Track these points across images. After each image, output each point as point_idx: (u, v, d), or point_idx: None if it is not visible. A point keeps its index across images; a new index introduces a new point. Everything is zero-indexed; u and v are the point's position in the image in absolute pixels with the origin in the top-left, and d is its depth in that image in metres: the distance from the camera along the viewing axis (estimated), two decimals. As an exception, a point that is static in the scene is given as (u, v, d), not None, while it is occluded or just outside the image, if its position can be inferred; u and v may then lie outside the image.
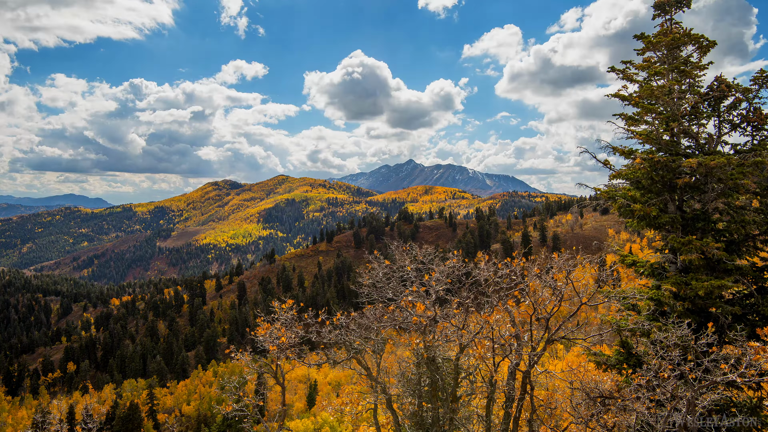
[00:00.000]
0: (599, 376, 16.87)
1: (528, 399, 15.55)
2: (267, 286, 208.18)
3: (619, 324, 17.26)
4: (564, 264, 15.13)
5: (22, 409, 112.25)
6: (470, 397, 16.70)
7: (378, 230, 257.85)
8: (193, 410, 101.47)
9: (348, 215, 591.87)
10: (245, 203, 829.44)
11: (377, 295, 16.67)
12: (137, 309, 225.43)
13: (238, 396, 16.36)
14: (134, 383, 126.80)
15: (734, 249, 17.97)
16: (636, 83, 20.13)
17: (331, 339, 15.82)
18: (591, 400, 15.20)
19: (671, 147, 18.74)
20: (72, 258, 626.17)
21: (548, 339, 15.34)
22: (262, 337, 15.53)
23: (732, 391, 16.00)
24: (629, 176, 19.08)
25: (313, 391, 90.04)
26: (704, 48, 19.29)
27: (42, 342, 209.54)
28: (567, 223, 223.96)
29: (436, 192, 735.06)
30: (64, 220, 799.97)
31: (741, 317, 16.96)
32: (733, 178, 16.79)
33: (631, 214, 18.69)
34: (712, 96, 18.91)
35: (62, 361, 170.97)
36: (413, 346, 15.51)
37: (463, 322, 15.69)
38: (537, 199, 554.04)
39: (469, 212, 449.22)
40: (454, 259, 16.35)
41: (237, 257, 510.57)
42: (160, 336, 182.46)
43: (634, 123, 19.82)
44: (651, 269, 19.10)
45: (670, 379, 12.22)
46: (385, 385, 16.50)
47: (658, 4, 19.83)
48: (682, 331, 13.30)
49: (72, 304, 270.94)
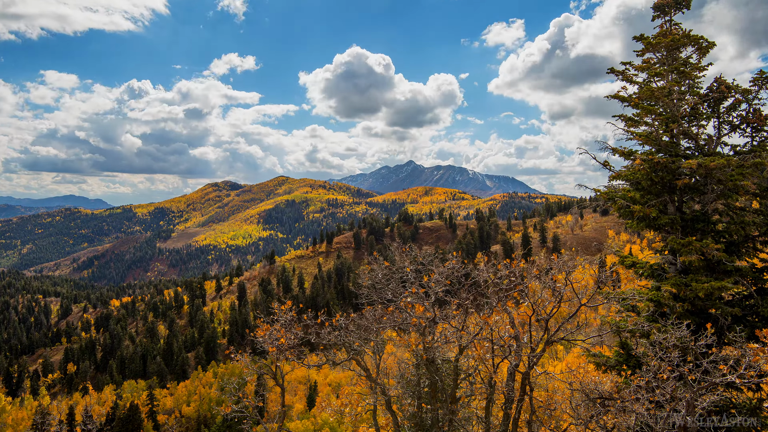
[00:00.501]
0: (599, 378, 16.86)
1: (527, 400, 15.55)
2: (267, 287, 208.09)
3: (619, 325, 17.26)
4: (563, 265, 15.13)
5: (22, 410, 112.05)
6: (470, 398, 16.70)
7: (378, 231, 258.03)
8: (193, 411, 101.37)
9: (348, 216, 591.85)
10: (245, 204, 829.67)
11: (377, 297, 16.68)
12: (137, 310, 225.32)
13: (237, 397, 16.37)
14: (134, 384, 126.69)
15: (734, 250, 17.97)
16: (636, 84, 20.14)
17: (331, 340, 15.83)
18: (591, 401, 15.18)
19: (671, 148, 18.74)
20: (72, 259, 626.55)
21: (548, 340, 15.34)
22: (261, 339, 15.53)
23: (732, 392, 16.00)
24: (629, 177, 19.09)
25: (313, 393, 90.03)
26: (704, 49, 19.31)
27: (42, 343, 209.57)
28: (567, 224, 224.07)
29: (436, 193, 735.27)
30: (64, 221, 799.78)
31: (741, 318, 16.95)
32: (733, 180, 16.79)
33: (630, 215, 18.70)
34: (712, 97, 18.91)
35: (62, 362, 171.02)
36: (412, 347, 15.51)
37: (462, 324, 15.69)
38: (537, 200, 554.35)
39: (469, 213, 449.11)
40: (453, 260, 16.36)
41: (237, 258, 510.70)
42: (160, 337, 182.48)
43: (633, 124, 19.83)
44: (651, 270, 19.09)
45: (670, 380, 12.22)
46: (384, 386, 16.49)
47: (657, 5, 19.85)
48: (681, 332, 13.30)
49: (72, 305, 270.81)
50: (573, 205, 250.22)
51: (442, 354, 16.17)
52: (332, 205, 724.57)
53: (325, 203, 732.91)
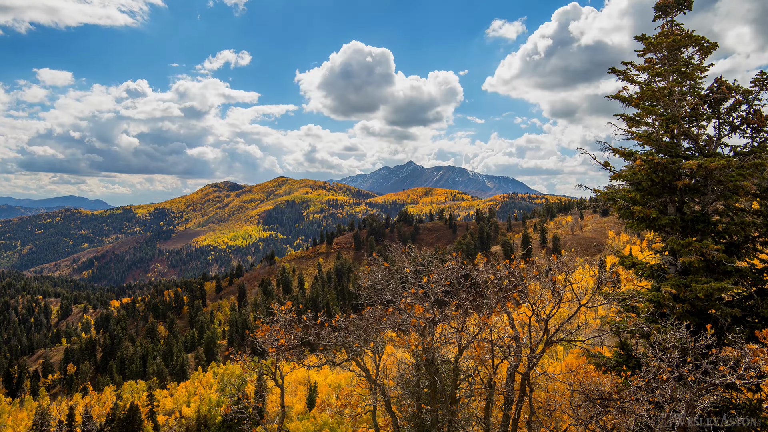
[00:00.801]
0: (599, 378, 16.84)
1: (527, 401, 15.53)
2: (267, 287, 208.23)
3: (619, 326, 17.24)
4: (563, 266, 15.11)
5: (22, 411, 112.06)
6: (469, 399, 16.68)
7: (378, 232, 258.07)
8: (193, 412, 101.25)
9: (348, 217, 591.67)
10: (245, 205, 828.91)
11: (376, 297, 16.67)
12: (137, 311, 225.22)
13: (237, 398, 16.37)
14: (134, 385, 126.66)
15: (734, 251, 17.97)
16: (637, 84, 20.14)
17: (330, 341, 15.81)
18: (590, 402, 15.17)
19: (671, 149, 18.74)
20: (72, 260, 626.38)
21: (547, 341, 15.32)
22: (261, 339, 15.52)
23: (731, 393, 15.98)
24: (629, 178, 19.08)
25: (313, 393, 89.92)
26: (705, 50, 19.32)
27: (42, 343, 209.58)
28: (567, 224, 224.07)
29: (436, 193, 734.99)
30: (64, 221, 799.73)
31: (740, 319, 16.93)
32: (733, 180, 16.78)
33: (630, 215, 18.70)
34: (713, 98, 18.91)
35: (62, 362, 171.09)
36: (412, 347, 15.50)
37: (461, 324, 15.67)
38: (537, 200, 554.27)
39: (469, 214, 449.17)
40: (453, 261, 16.34)
41: (237, 259, 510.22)
42: (160, 338, 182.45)
43: (634, 124, 19.82)
44: (651, 271, 19.08)
45: (669, 381, 12.21)
46: (384, 386, 16.48)
47: (659, 5, 19.86)
48: (681, 333, 13.28)
49: (72, 306, 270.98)
50: (573, 206, 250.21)
51: (442, 355, 16.16)
52: (332, 206, 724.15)
53: (325, 204, 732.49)
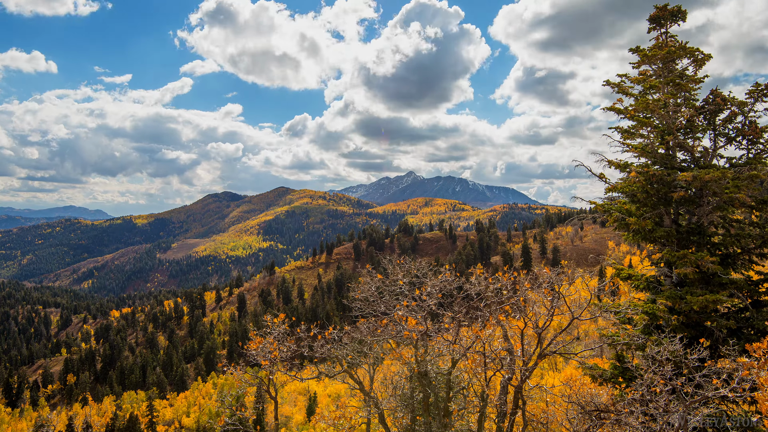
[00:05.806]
0: (595, 390, 16.78)
1: (520, 414, 15.48)
2: (267, 298, 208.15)
3: (614, 338, 17.22)
4: (555, 278, 15.09)
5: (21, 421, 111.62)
6: (463, 411, 16.62)
7: (378, 242, 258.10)
8: (193, 422, 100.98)
9: (348, 227, 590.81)
10: (245, 215, 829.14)
11: (370, 310, 16.65)
12: (137, 321, 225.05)
13: (231, 410, 16.35)
14: (134, 395, 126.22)
15: (729, 263, 17.96)
16: (631, 96, 20.20)
17: (324, 353, 15.79)
18: (586, 414, 15.11)
19: (666, 160, 18.79)
20: (72, 270, 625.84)
21: (540, 353, 15.29)
22: (254, 351, 15.51)
23: (727, 405, 15.92)
24: (625, 190, 19.13)
25: (312, 403, 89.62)
26: (699, 61, 19.40)
27: (42, 354, 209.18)
28: (567, 235, 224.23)
29: (436, 204, 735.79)
30: (64, 231, 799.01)
31: (736, 331, 16.90)
32: (729, 192, 16.81)
33: (626, 227, 18.72)
34: (708, 109, 18.96)
35: (62, 372, 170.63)
36: (404, 359, 15.47)
37: (455, 337, 15.64)
38: (537, 211, 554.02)
39: (469, 224, 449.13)
40: (447, 273, 16.33)
41: (237, 269, 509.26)
42: (160, 348, 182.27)
43: (629, 136, 19.87)
44: (646, 283, 19.05)
45: (663, 393, 12.18)
46: (377, 399, 16.44)
47: (653, 17, 19.96)
48: (674, 346, 13.26)
49: (72, 316, 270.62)
50: (573, 216, 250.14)
51: (436, 367, 16.12)
52: (332, 216, 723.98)
53: (325, 214, 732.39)
